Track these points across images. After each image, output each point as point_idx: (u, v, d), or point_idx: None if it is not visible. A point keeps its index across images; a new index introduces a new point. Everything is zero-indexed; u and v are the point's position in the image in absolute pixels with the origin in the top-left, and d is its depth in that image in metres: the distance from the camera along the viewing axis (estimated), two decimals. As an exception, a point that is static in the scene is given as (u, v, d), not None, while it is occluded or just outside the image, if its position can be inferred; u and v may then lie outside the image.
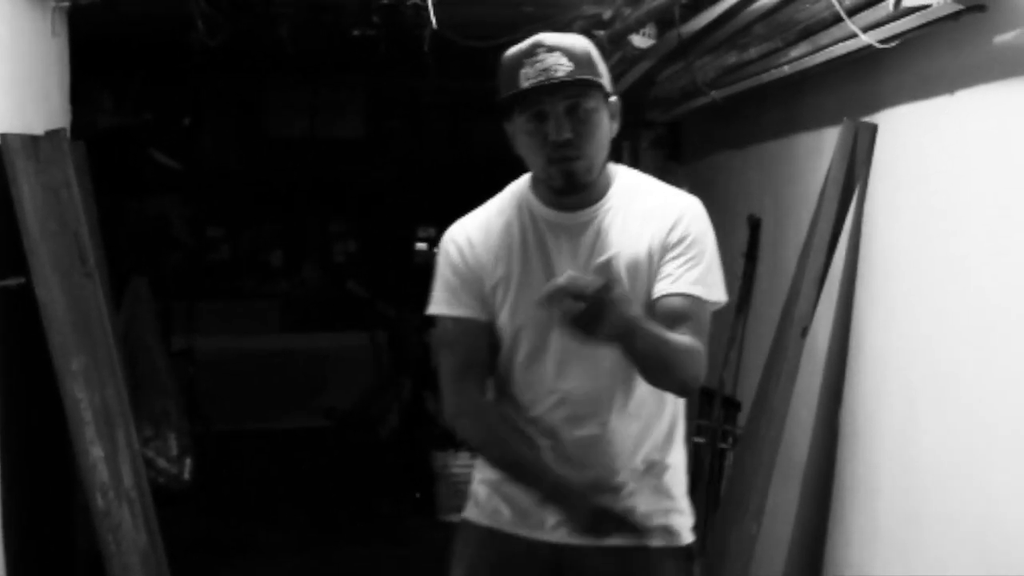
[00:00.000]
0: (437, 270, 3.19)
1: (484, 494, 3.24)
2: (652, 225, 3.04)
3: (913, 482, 3.66)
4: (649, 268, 3.03)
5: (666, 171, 7.80)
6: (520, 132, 3.03)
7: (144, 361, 8.04)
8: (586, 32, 5.96)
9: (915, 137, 3.83)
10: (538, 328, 3.05)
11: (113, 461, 4.10)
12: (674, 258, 3.01)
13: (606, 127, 3.04)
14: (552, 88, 2.94)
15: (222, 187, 11.06)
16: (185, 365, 9.50)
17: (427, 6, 5.13)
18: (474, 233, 3.16)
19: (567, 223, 3.08)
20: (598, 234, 3.07)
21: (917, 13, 3.39)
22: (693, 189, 3.82)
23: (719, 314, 3.11)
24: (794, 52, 4.41)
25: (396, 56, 6.73)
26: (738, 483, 4.81)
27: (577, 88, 2.96)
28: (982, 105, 3.29)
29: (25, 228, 4.01)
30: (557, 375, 3.08)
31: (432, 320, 3.22)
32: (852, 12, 3.77)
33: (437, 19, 5.16)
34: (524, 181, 3.19)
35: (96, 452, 4.03)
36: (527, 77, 2.95)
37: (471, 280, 3.13)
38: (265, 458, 9.53)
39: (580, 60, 2.97)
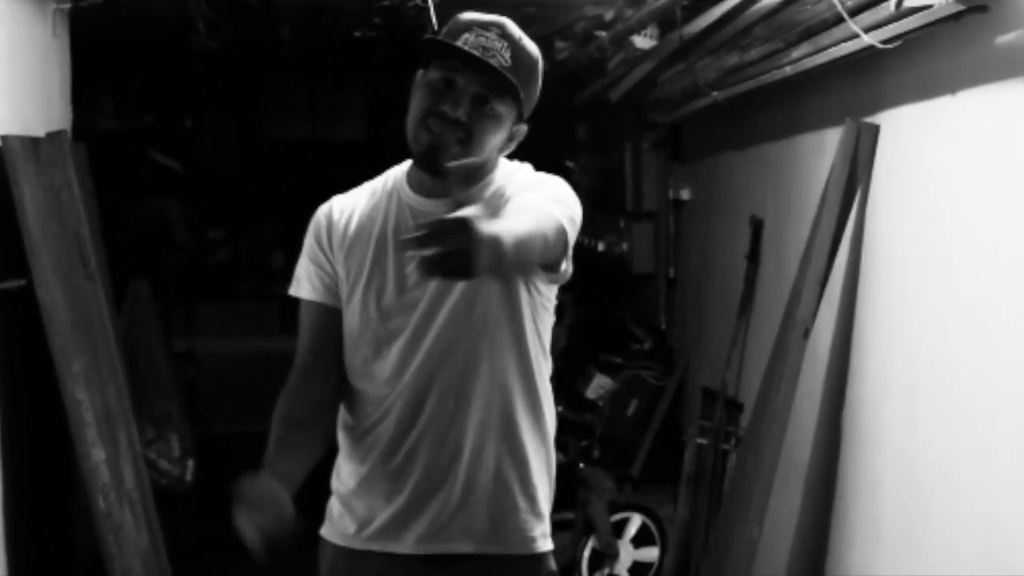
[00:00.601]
0: (304, 246, 3.03)
1: (336, 508, 3.14)
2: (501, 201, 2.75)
3: (915, 483, 3.66)
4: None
5: (668, 172, 7.81)
6: (421, 85, 2.83)
7: (145, 363, 8.03)
8: (587, 33, 5.97)
9: (917, 138, 3.82)
10: (390, 318, 2.88)
11: (115, 462, 4.10)
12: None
13: (499, 140, 2.85)
14: (477, 65, 2.76)
15: (222, 189, 11.06)
16: (185, 367, 9.49)
17: (428, 7, 5.13)
18: (339, 214, 3.00)
19: (433, 211, 2.77)
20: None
21: (919, 14, 3.39)
22: (695, 190, 3.82)
23: (722, 315, 3.11)
24: (796, 53, 4.40)
25: (397, 58, 6.72)
26: (740, 484, 4.80)
27: (498, 84, 2.77)
28: (984, 105, 3.28)
29: (26, 230, 4.00)
30: (399, 372, 2.88)
31: None
32: (854, 13, 3.77)
33: (438, 20, 5.16)
34: (404, 166, 3.00)
35: (98, 454, 4.03)
36: (465, 41, 2.76)
37: (325, 264, 2.97)
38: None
39: (522, 66, 2.80)
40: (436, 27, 5.21)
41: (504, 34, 2.80)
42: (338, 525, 3.13)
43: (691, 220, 7.39)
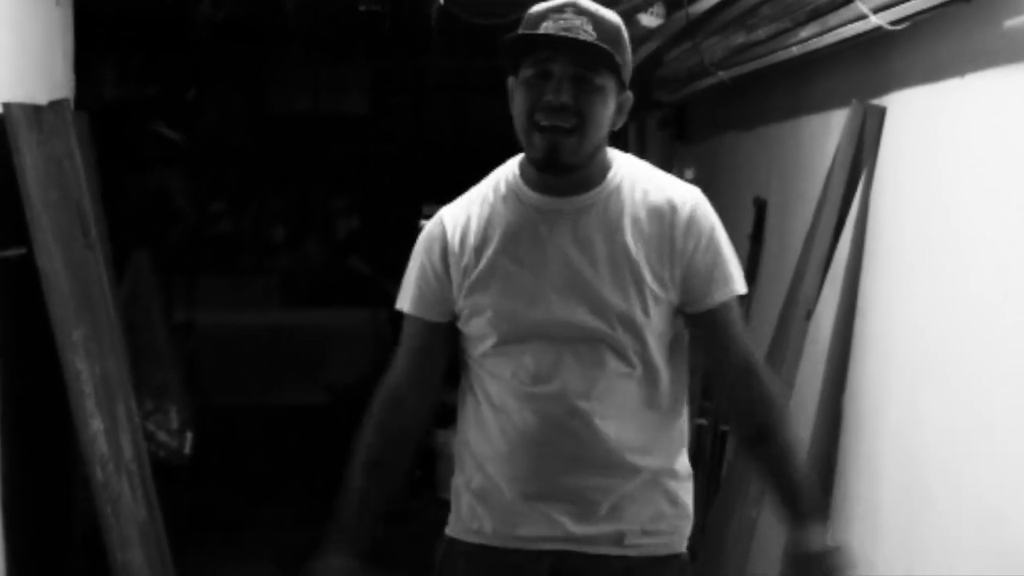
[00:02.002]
0: (411, 261, 3.01)
1: (465, 505, 3.04)
2: (661, 222, 2.86)
3: (916, 467, 3.65)
4: (658, 261, 2.85)
5: (672, 152, 7.80)
6: (519, 86, 2.81)
7: (145, 334, 8.02)
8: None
9: (924, 120, 3.80)
10: (527, 324, 2.86)
11: (113, 433, 4.09)
12: (701, 263, 2.87)
13: (610, 114, 2.83)
14: (566, 46, 2.73)
15: (225, 162, 11.06)
16: (185, 339, 9.50)
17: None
18: (452, 227, 2.95)
19: (562, 208, 2.86)
20: (599, 222, 2.85)
21: (929, -5, 3.37)
22: (699, 170, 3.81)
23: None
24: (803, 33, 4.38)
25: (401, 33, 6.71)
26: (739, 465, 4.79)
27: (592, 58, 2.74)
28: (992, 89, 3.26)
29: (27, 198, 3.99)
30: (551, 375, 2.87)
31: None
32: (863, -7, 3.75)
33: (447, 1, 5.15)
34: (511, 166, 2.97)
35: (96, 424, 4.02)
36: (546, 29, 2.74)
37: (437, 281, 2.95)
38: (264, 433, 9.54)
39: (608, 34, 2.77)
40: (442, 1, 5.20)
41: (580, 10, 2.77)
42: (469, 522, 3.05)
43: (695, 200, 7.37)
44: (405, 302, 3.00)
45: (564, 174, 2.82)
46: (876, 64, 4.22)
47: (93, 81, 8.62)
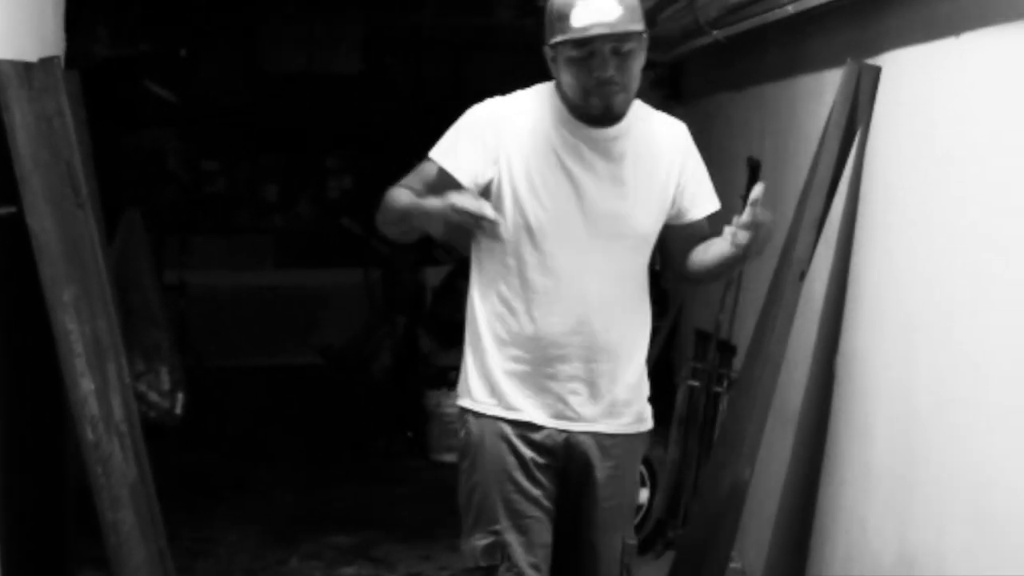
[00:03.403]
0: (460, 126, 3.61)
1: (478, 382, 3.70)
2: (666, 151, 3.71)
3: (908, 428, 3.64)
4: (667, 186, 3.71)
5: (666, 111, 7.76)
6: (565, 63, 3.48)
7: (136, 294, 8.02)
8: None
9: (919, 80, 3.78)
10: (563, 222, 3.57)
11: (103, 394, 4.07)
12: (691, 182, 3.77)
13: (641, 61, 3.53)
14: (602, 33, 3.39)
15: (218, 120, 11.00)
16: (177, 299, 9.47)
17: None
18: (503, 117, 3.59)
19: (596, 137, 3.59)
20: (624, 152, 3.62)
21: (924, -47, 3.35)
22: (693, 129, 3.82)
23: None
24: (798, -9, 4.36)
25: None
26: (732, 427, 4.79)
27: (625, 34, 3.43)
28: (987, 48, 3.24)
29: (17, 157, 3.96)
30: (577, 271, 3.60)
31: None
32: (858, -49, 3.73)
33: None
34: (551, 88, 3.65)
35: (87, 384, 4.00)
36: (580, 18, 3.40)
37: (487, 157, 3.55)
38: (257, 394, 9.53)
39: (629, 6, 3.45)
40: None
41: None
42: (484, 399, 3.71)
43: (688, 160, 7.35)
44: (444, 157, 3.58)
45: (616, 122, 3.59)
46: (871, 23, 4.19)
47: (86, 39, 8.56)
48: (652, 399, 3.92)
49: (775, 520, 4.85)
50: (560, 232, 3.58)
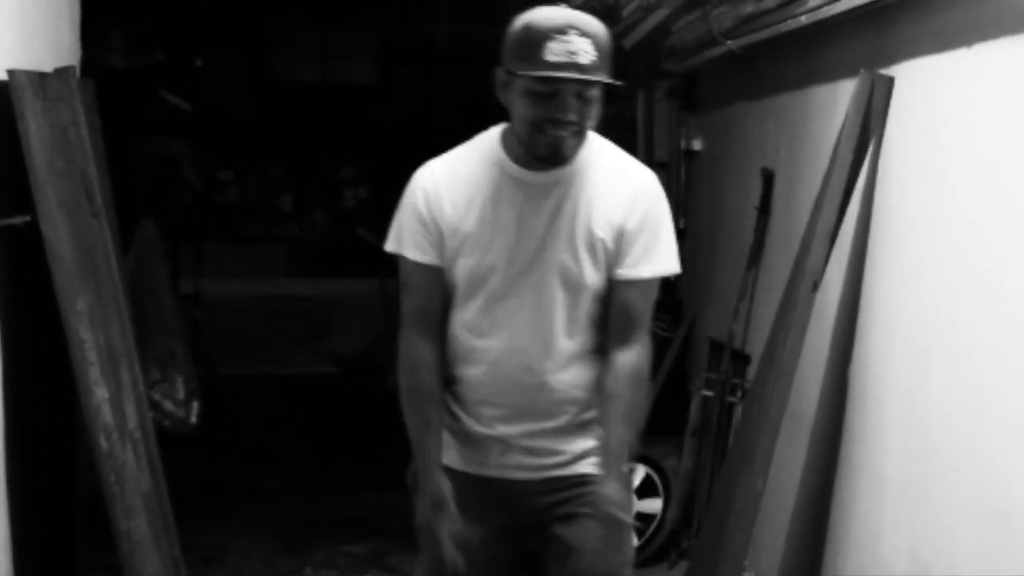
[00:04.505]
0: (402, 210, 3.39)
1: (445, 439, 3.49)
2: (612, 200, 3.32)
3: (921, 440, 3.64)
4: (608, 240, 3.31)
5: (680, 122, 7.77)
6: (521, 92, 3.18)
7: (151, 303, 8.03)
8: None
9: (932, 90, 3.78)
10: (501, 279, 3.32)
11: (117, 402, 4.09)
12: (634, 240, 3.33)
13: (600, 105, 3.24)
14: (574, 74, 3.11)
15: (232, 130, 11.03)
16: (192, 308, 9.49)
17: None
18: (441, 180, 3.35)
19: (535, 181, 3.29)
20: (563, 197, 3.30)
21: (938, -36, 3.35)
22: (707, 140, 3.81)
23: (731, 266, 3.13)
24: (812, 2, 4.36)
25: (409, 1, 6.69)
26: (745, 437, 4.78)
27: (592, 79, 3.14)
28: (999, 58, 3.24)
29: (32, 166, 3.98)
30: (517, 325, 3.34)
31: None
32: (872, -38, 3.73)
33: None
34: (494, 134, 3.37)
35: (100, 393, 4.01)
36: (553, 52, 3.10)
37: (433, 229, 3.32)
38: (270, 403, 9.54)
39: (603, 51, 3.16)
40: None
41: (583, 32, 3.13)
42: (448, 452, 3.49)
43: (703, 171, 7.36)
44: (406, 249, 3.37)
45: (562, 165, 3.28)
46: (884, 34, 4.19)
47: (100, 48, 8.59)
48: (667, 408, 3.91)
49: (788, 529, 4.85)
50: (499, 288, 3.34)
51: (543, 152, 3.23)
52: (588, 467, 3.42)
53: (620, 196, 3.33)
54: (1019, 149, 3.09)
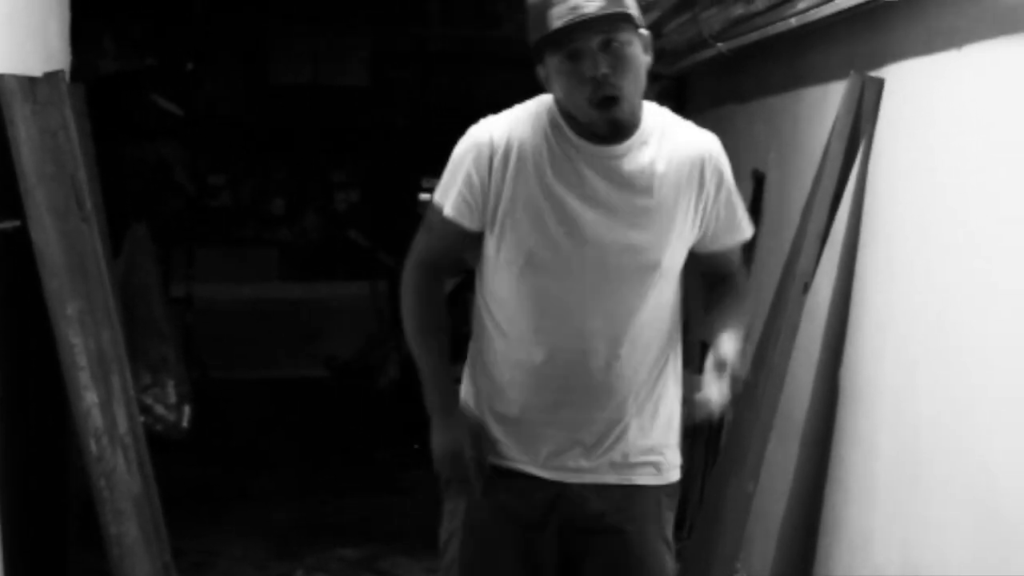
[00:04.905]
0: (453, 162, 3.19)
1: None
2: (686, 165, 3.17)
3: (912, 441, 3.64)
4: (687, 205, 3.18)
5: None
6: (555, 74, 3.04)
7: (142, 308, 8.03)
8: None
9: (922, 92, 3.79)
10: (560, 256, 3.12)
11: (108, 406, 4.08)
12: (718, 203, 3.25)
13: (641, 60, 3.08)
14: (585, 24, 2.94)
15: (224, 134, 11.03)
16: (183, 312, 9.49)
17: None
18: (500, 144, 3.13)
19: (600, 155, 3.10)
20: (633, 169, 3.12)
21: (927, -34, 3.35)
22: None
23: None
24: (801, 4, 4.36)
25: (402, 3, 6.69)
26: (736, 440, 4.79)
27: (609, 23, 2.96)
28: (989, 60, 3.24)
29: (21, 170, 3.97)
30: (575, 309, 3.14)
31: None
32: (861, -37, 3.73)
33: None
34: (549, 102, 3.18)
35: (90, 397, 4.00)
36: (557, 16, 2.95)
37: (480, 191, 3.13)
38: (262, 406, 9.53)
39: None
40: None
41: None
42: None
43: (694, 173, 7.36)
44: (446, 203, 3.17)
45: (625, 134, 3.11)
46: (874, 35, 4.20)
47: (92, 53, 8.59)
48: None
49: (780, 532, 4.85)
50: (557, 267, 3.14)
51: (603, 130, 3.06)
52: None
53: (693, 160, 3.21)
54: (1008, 150, 3.09)
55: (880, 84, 4.12)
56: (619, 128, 3.08)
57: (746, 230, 3.39)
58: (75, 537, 4.72)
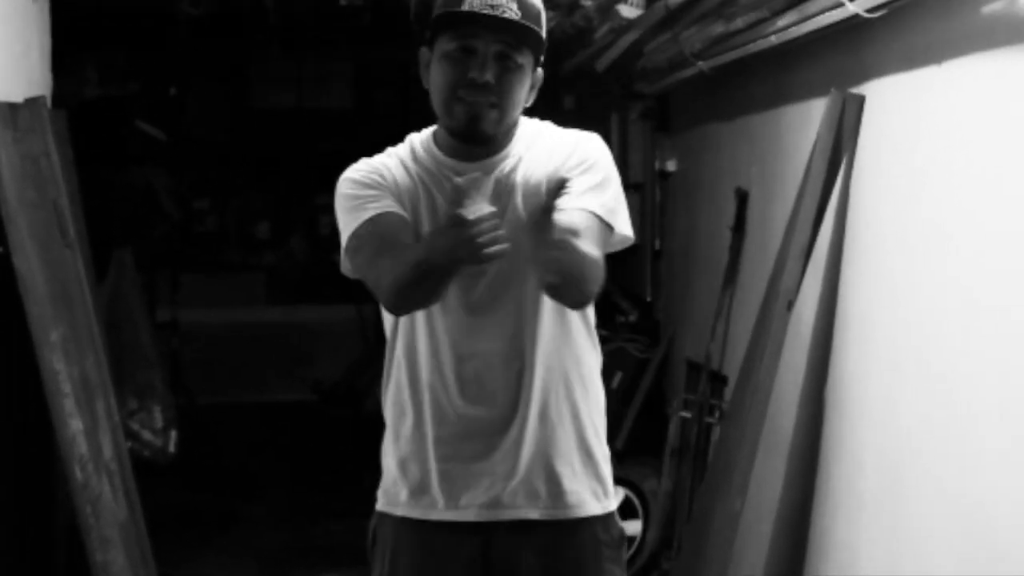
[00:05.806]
0: (351, 192, 2.98)
1: (390, 477, 3.21)
2: (553, 161, 2.91)
3: (898, 457, 3.64)
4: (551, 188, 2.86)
5: (654, 143, 7.79)
6: (439, 59, 2.88)
7: (128, 333, 8.01)
8: (573, 2, 5.93)
9: (903, 108, 3.79)
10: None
11: (92, 433, 4.08)
12: (576, 180, 2.87)
13: (525, 90, 2.91)
14: (495, 22, 2.80)
15: (208, 158, 11.03)
16: (169, 337, 9.47)
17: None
18: (381, 170, 3.00)
19: (471, 171, 2.84)
20: (499, 181, 2.91)
21: (905, -18, 3.36)
22: (681, 161, 3.81)
23: (707, 287, 3.11)
24: (781, 22, 4.37)
25: (383, 26, 6.68)
26: (723, 457, 4.79)
27: (516, 36, 2.83)
28: (970, 75, 3.25)
29: (3, 197, 3.97)
30: (468, 330, 2.94)
31: None
32: (839, -20, 3.73)
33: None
34: (425, 134, 3.06)
35: (75, 424, 4.00)
36: (471, 5, 2.80)
37: (388, 191, 2.95)
38: (249, 431, 9.51)
39: (531, 12, 2.85)
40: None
41: None
42: (392, 494, 3.20)
43: (677, 191, 7.38)
44: (365, 213, 2.92)
45: (482, 143, 2.91)
46: (854, 52, 4.21)
47: (75, 79, 8.59)
48: (646, 430, 3.49)
49: (768, 549, 4.84)
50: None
51: (461, 123, 2.87)
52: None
53: (559, 152, 2.94)
54: (989, 164, 3.10)
55: (861, 100, 4.13)
56: (476, 129, 2.87)
57: (596, 208, 2.86)
58: (63, 565, 4.70)
